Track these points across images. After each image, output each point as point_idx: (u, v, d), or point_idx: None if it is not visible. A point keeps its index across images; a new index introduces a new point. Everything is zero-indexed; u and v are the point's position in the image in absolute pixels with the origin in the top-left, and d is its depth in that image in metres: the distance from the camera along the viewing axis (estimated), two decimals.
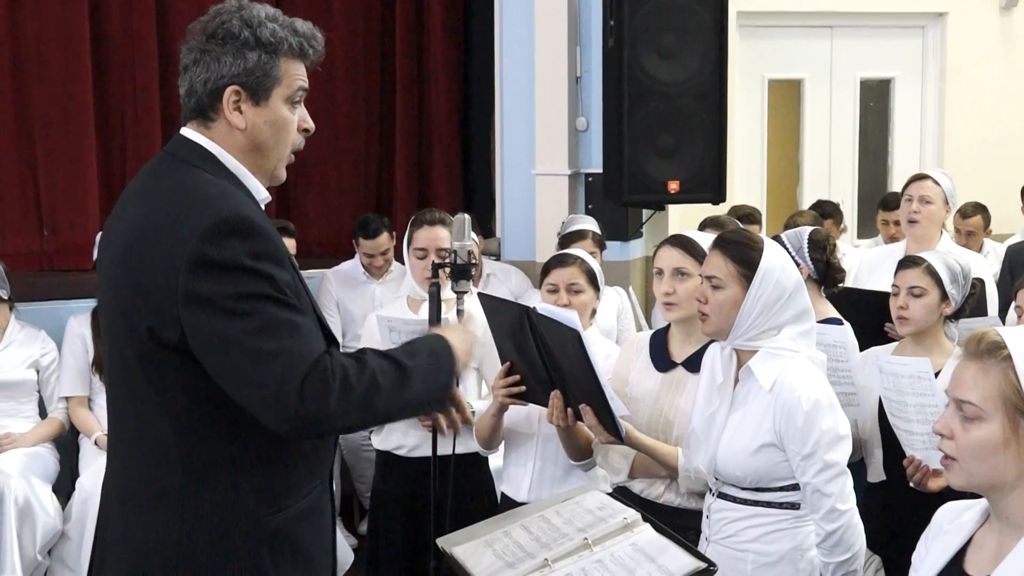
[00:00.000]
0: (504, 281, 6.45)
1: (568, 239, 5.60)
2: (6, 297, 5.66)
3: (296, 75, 2.62)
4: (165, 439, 2.49)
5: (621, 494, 3.63)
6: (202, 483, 2.49)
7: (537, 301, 4.02)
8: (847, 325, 4.40)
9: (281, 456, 2.55)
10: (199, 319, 2.37)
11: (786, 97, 9.04)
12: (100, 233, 5.73)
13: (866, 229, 8.88)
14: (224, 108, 2.56)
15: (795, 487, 3.30)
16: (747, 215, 6.77)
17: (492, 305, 3.84)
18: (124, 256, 2.49)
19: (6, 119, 6.61)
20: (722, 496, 3.40)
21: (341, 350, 2.60)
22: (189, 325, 2.38)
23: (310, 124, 2.70)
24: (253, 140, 2.59)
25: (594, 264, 4.11)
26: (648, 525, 3.01)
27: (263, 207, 2.63)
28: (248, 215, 2.44)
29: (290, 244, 5.95)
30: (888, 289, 4.36)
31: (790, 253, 4.44)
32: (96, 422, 5.65)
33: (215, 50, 2.54)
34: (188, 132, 2.61)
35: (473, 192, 7.75)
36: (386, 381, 2.53)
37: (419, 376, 2.61)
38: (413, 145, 7.65)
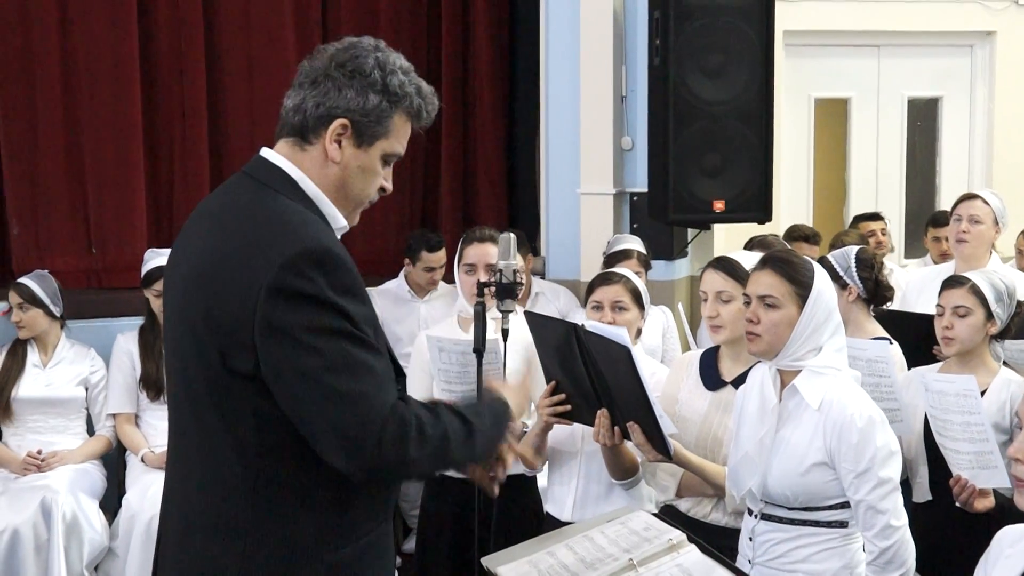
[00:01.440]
0: (553, 300, 6.45)
1: (613, 259, 5.59)
2: (58, 315, 5.72)
3: (402, 136, 2.61)
4: (231, 469, 2.43)
5: (668, 513, 3.62)
6: (268, 517, 2.43)
7: (583, 319, 4.01)
8: (895, 344, 4.37)
9: (346, 494, 2.48)
10: (275, 349, 2.33)
11: (833, 116, 8.99)
12: (149, 251, 5.86)
13: (913, 249, 8.81)
14: (326, 136, 2.52)
15: (843, 505, 3.28)
16: (808, 236, 6.70)
17: (539, 323, 3.83)
18: (199, 279, 2.43)
19: (56, 138, 6.68)
20: (767, 518, 3.37)
21: None
22: (264, 354, 2.34)
23: (389, 186, 2.68)
24: (342, 178, 2.56)
25: (639, 283, 4.11)
26: (694, 546, 2.99)
27: (339, 236, 2.59)
28: (331, 246, 2.41)
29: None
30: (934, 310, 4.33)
31: (838, 273, 4.43)
32: (143, 439, 5.68)
33: (340, 79, 2.51)
34: (270, 154, 2.57)
35: (518, 211, 7.74)
36: (455, 436, 2.50)
37: (481, 437, 2.60)
38: (458, 164, 7.66)
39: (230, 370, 2.38)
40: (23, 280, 5.71)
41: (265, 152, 2.58)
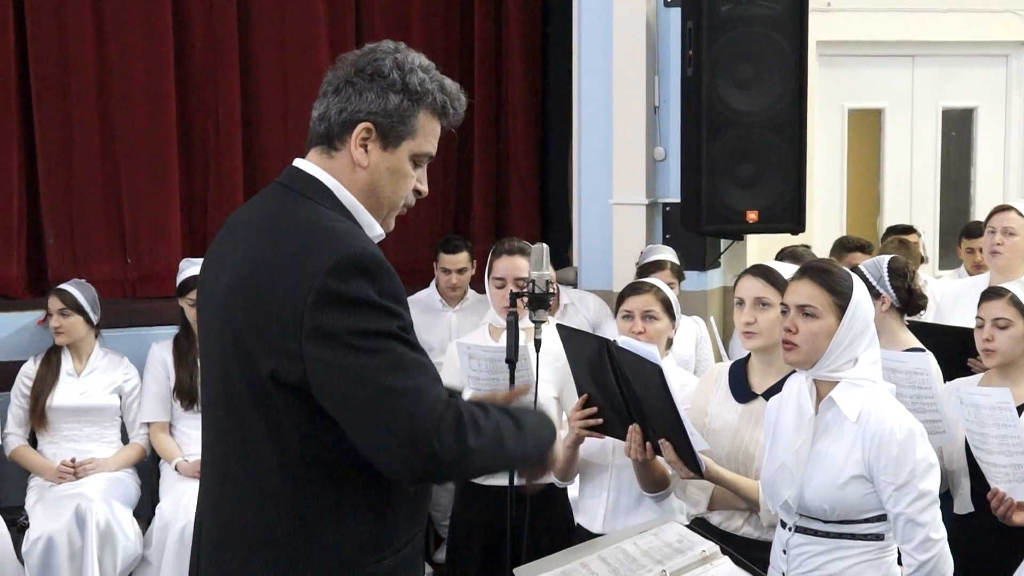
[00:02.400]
0: (581, 309, 6.43)
1: (646, 269, 5.58)
2: (96, 322, 5.75)
3: (430, 135, 2.60)
4: (273, 479, 2.42)
5: (699, 526, 3.60)
6: (309, 528, 2.42)
7: (614, 329, 4.01)
8: (928, 353, 4.35)
9: (387, 503, 2.49)
10: (324, 355, 2.31)
11: (866, 126, 8.95)
12: (183, 261, 5.90)
13: (948, 260, 8.75)
14: (351, 141, 2.52)
15: (879, 518, 3.26)
16: (863, 246, 6.58)
17: (570, 337, 3.83)
18: (242, 289, 2.42)
19: (91, 148, 6.73)
20: (802, 531, 3.36)
21: None
22: (312, 361, 2.32)
23: (424, 188, 2.66)
24: (371, 182, 2.55)
25: (670, 293, 4.10)
26: (727, 558, 2.98)
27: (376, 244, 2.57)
28: (375, 253, 2.40)
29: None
30: (971, 323, 4.31)
31: (870, 283, 4.41)
32: (177, 448, 5.71)
33: (360, 84, 2.51)
34: (303, 164, 2.57)
35: (550, 221, 7.75)
36: (507, 429, 2.52)
37: (531, 433, 2.61)
38: (491, 174, 7.67)
39: (275, 380, 2.37)
40: (65, 286, 5.75)
41: (298, 162, 2.59)
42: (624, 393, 3.54)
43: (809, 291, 3.29)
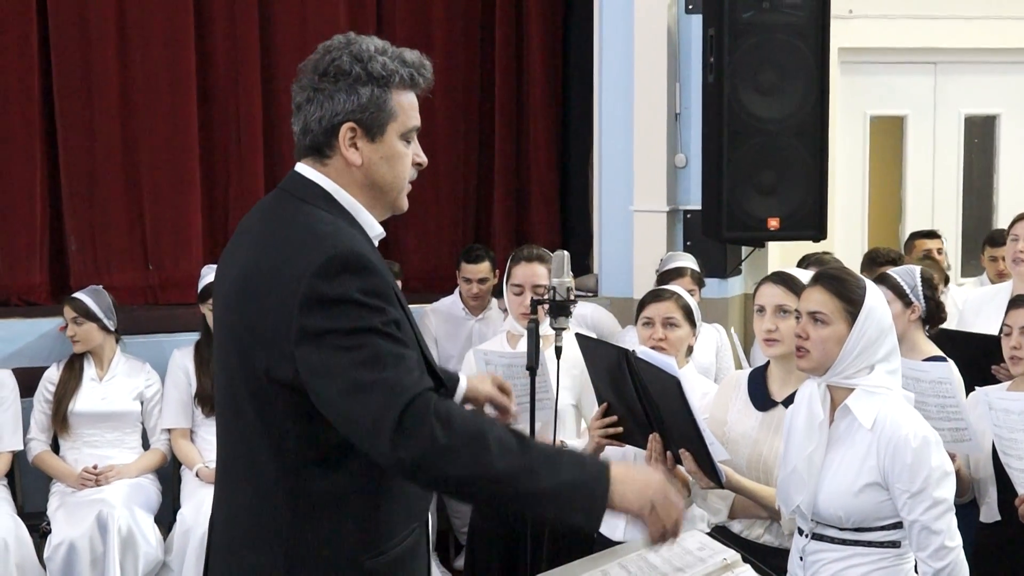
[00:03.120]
0: (595, 327, 6.23)
1: (666, 276, 5.57)
2: (112, 329, 5.77)
3: (409, 109, 2.60)
4: (272, 476, 2.48)
5: (720, 534, 3.59)
6: (308, 523, 2.47)
7: (631, 341, 4.00)
8: (951, 362, 4.33)
9: (383, 499, 2.52)
10: (311, 354, 2.36)
11: (889, 134, 8.92)
12: (205, 267, 5.91)
13: (970, 267, 8.72)
14: (340, 145, 2.55)
15: (896, 526, 3.25)
16: (895, 259, 6.48)
17: (590, 346, 3.82)
18: (239, 294, 2.49)
19: (113, 155, 6.75)
20: (818, 537, 3.35)
21: None
22: (301, 361, 2.37)
23: (423, 159, 2.68)
24: (370, 176, 2.58)
25: (691, 300, 4.09)
26: (748, 567, 2.97)
27: (376, 243, 2.62)
28: (360, 251, 2.43)
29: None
30: (994, 331, 4.30)
31: (903, 291, 4.40)
32: (198, 454, 5.72)
33: (328, 88, 2.54)
34: (303, 169, 2.61)
35: (571, 228, 7.74)
36: (497, 440, 2.38)
37: (544, 460, 2.42)
38: (511, 180, 7.67)
39: (272, 380, 2.42)
40: (77, 295, 5.77)
41: (299, 167, 2.63)
42: (643, 402, 3.54)
43: (820, 297, 3.30)
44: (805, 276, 3.69)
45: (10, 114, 6.58)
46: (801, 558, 3.39)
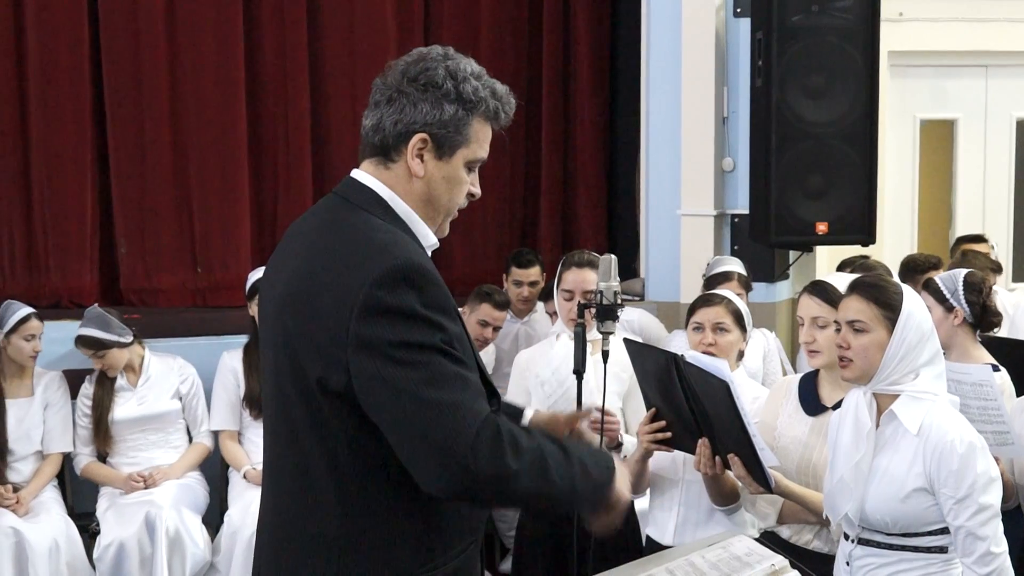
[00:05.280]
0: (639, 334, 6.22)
1: (713, 280, 5.54)
2: (130, 341, 5.70)
3: (483, 140, 2.58)
4: (324, 486, 2.45)
5: (769, 540, 3.57)
6: (358, 533, 2.44)
7: (678, 345, 3.99)
8: (1003, 370, 4.28)
9: (437, 511, 2.48)
10: (367, 365, 2.33)
11: (939, 137, 8.86)
12: (253, 270, 5.94)
13: (1022, 272, 8.65)
14: (407, 152, 2.53)
15: (943, 531, 3.23)
16: (936, 264, 6.41)
17: (638, 351, 3.81)
18: (294, 299, 2.46)
19: (164, 160, 6.82)
20: (865, 543, 3.33)
21: None
22: (357, 371, 2.34)
23: (477, 191, 2.65)
24: (427, 191, 2.55)
25: (741, 304, 4.07)
26: (796, 572, 2.95)
27: (429, 254, 2.59)
28: (421, 263, 2.41)
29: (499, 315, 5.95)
30: None
31: (944, 296, 4.36)
32: (245, 456, 5.74)
33: (414, 94, 2.51)
34: (360, 175, 2.58)
35: (618, 232, 7.74)
36: (552, 455, 2.45)
37: (580, 466, 2.51)
38: (558, 184, 7.68)
39: (324, 389, 2.39)
40: (82, 332, 5.61)
41: (355, 173, 2.60)
42: (692, 407, 3.52)
43: (858, 306, 3.28)
44: (845, 282, 3.67)
45: (62, 119, 6.66)
46: (848, 563, 3.37)
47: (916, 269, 6.05)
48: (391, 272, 2.35)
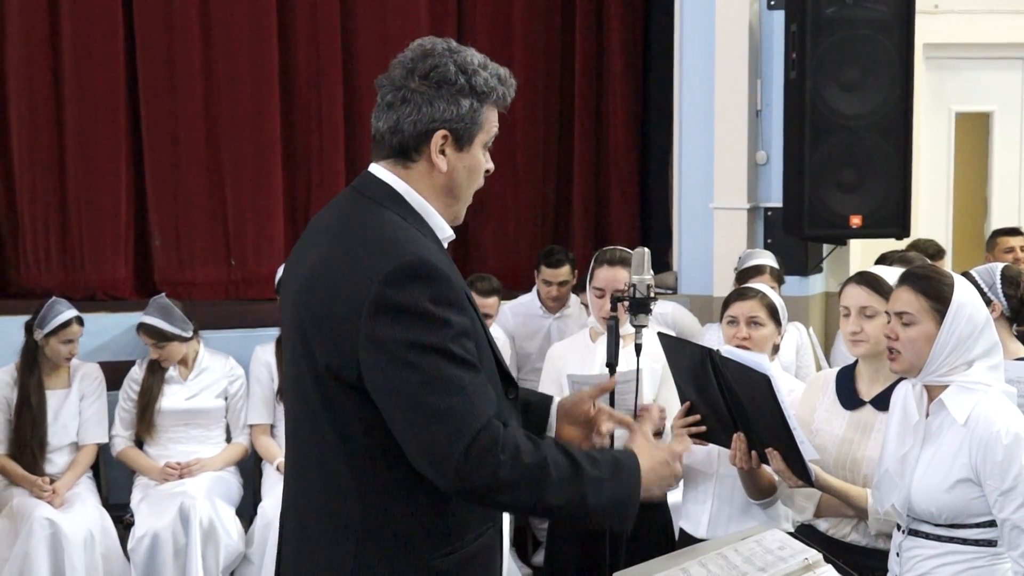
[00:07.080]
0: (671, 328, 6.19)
1: (746, 274, 5.53)
2: (190, 335, 5.79)
3: (494, 122, 2.65)
4: (340, 470, 2.51)
5: (805, 533, 3.56)
6: (375, 519, 2.50)
7: (711, 339, 3.97)
8: None
9: (449, 498, 2.51)
10: (374, 362, 2.39)
11: (974, 130, 8.79)
12: (284, 264, 5.96)
13: None
14: (431, 150, 2.56)
15: (992, 524, 3.20)
16: (936, 253, 6.51)
17: (672, 346, 3.80)
18: (308, 293, 2.51)
19: (198, 153, 6.84)
20: (914, 533, 3.31)
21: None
22: (366, 367, 2.40)
23: (491, 166, 2.70)
24: (450, 183, 2.60)
25: (776, 298, 4.05)
26: (830, 566, 2.94)
27: (446, 245, 2.64)
28: (431, 259, 2.44)
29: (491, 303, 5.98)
30: None
31: (982, 289, 4.32)
32: (278, 449, 5.76)
33: (428, 92, 2.55)
34: (377, 170, 2.62)
35: (650, 226, 7.71)
36: (557, 471, 2.46)
37: (593, 484, 2.51)
38: (591, 178, 7.66)
39: (334, 377, 2.45)
40: (146, 319, 5.70)
41: (373, 168, 2.64)
42: (728, 402, 3.51)
43: (907, 297, 3.27)
44: (893, 274, 3.64)
45: (96, 112, 6.69)
46: (898, 554, 3.36)
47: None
48: (400, 269, 2.40)
